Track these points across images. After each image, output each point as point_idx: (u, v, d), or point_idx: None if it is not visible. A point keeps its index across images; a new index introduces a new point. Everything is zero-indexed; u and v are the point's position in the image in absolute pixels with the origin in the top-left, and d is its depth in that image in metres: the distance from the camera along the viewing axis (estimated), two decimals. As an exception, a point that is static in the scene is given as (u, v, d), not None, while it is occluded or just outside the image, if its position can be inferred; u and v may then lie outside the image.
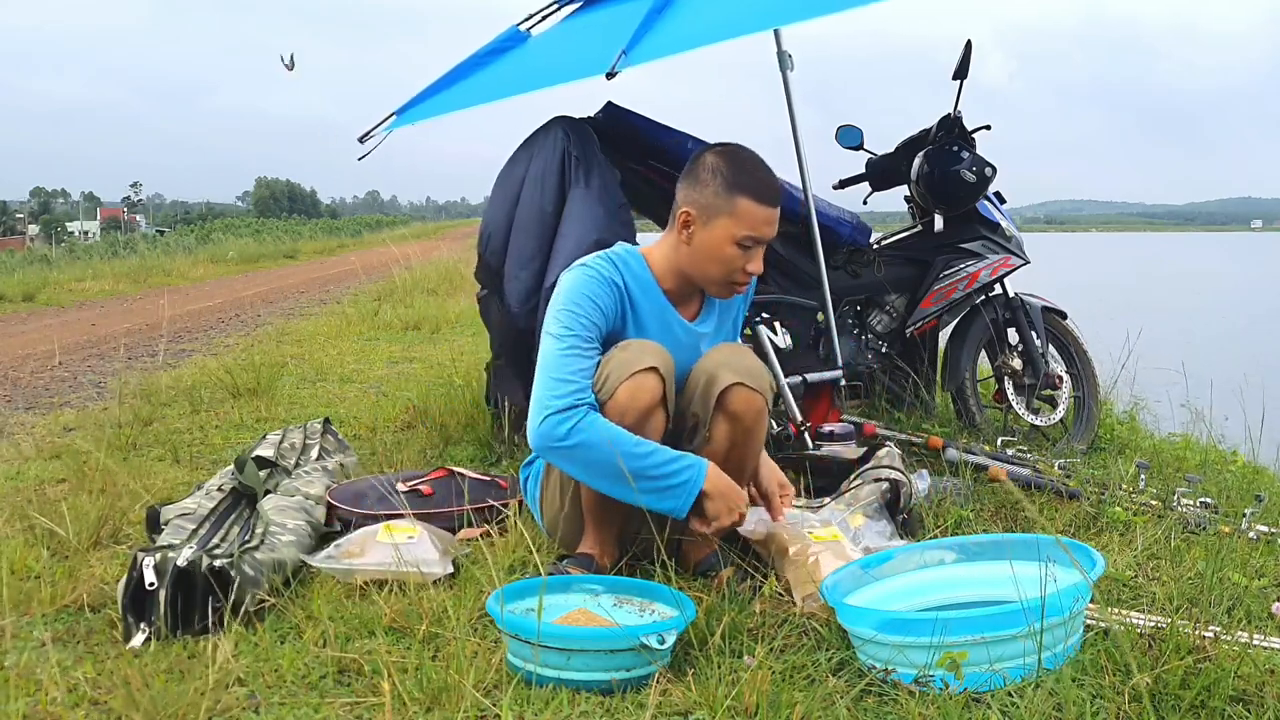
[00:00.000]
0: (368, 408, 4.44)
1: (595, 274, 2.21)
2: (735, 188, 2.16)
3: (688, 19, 2.93)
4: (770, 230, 2.19)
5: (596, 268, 2.23)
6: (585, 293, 2.18)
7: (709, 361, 2.23)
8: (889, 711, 1.68)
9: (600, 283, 2.20)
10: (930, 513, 2.67)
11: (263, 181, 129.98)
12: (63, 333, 7.82)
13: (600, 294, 2.19)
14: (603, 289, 2.20)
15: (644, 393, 2.09)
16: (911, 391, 3.77)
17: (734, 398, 2.16)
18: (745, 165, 2.19)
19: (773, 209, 2.18)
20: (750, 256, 2.20)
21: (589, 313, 2.17)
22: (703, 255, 2.21)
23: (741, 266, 2.20)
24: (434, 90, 3.45)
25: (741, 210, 2.15)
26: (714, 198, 2.17)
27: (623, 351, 2.14)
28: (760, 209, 2.16)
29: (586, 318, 2.16)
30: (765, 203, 2.17)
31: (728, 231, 2.17)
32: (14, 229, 73.59)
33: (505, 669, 1.80)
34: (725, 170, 2.17)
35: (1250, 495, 2.90)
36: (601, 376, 2.12)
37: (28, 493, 3.01)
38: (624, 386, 2.08)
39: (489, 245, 3.33)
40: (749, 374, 2.18)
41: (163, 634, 1.94)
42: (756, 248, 2.20)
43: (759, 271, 2.23)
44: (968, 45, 3.60)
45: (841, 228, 3.76)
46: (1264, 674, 1.70)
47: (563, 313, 2.17)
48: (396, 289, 10.36)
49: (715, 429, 2.19)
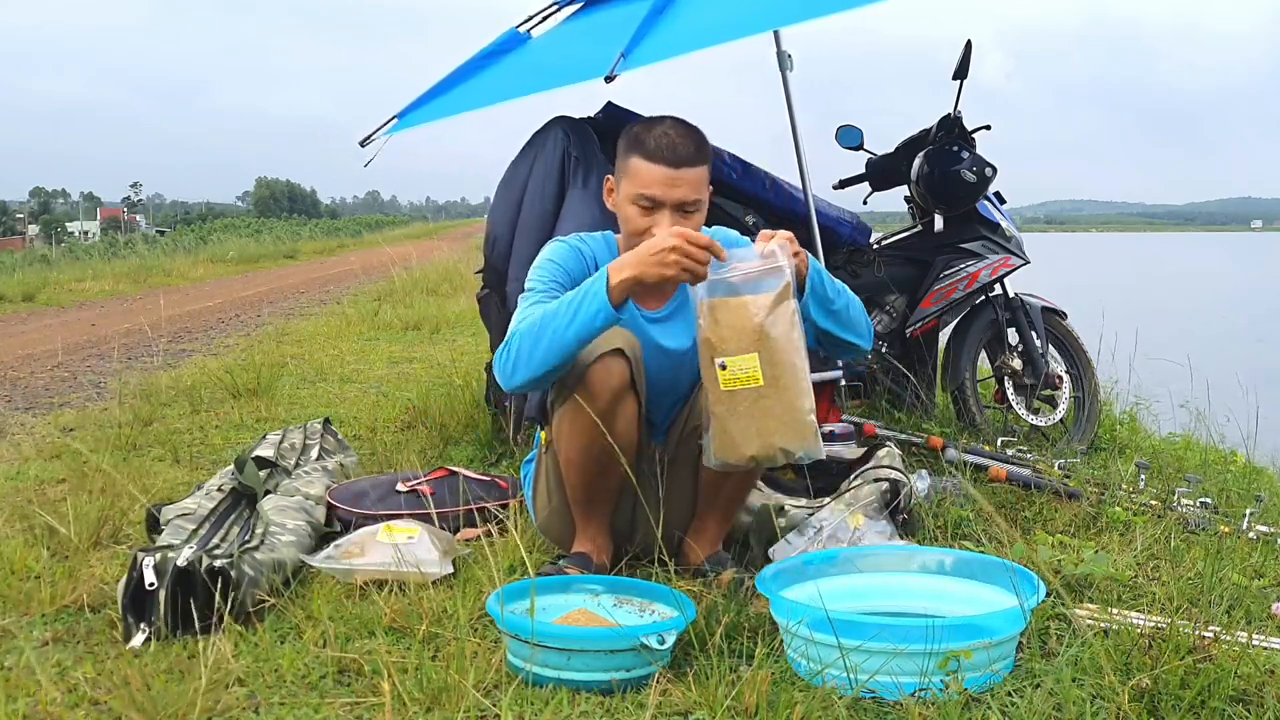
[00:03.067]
0: (368, 408, 4.44)
1: (565, 243, 2.30)
2: (631, 147, 2.18)
3: (687, 21, 2.92)
4: (667, 191, 2.13)
5: (566, 240, 2.32)
6: (551, 257, 2.27)
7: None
8: (888, 712, 1.68)
9: (569, 250, 2.28)
10: (930, 513, 2.67)
11: (263, 181, 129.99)
12: (63, 333, 7.81)
13: (566, 257, 2.26)
14: (570, 255, 2.27)
15: (612, 376, 2.11)
16: (911, 391, 3.77)
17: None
18: (652, 127, 2.18)
19: (667, 168, 2.12)
20: (654, 219, 2.14)
21: (553, 273, 2.23)
22: (620, 221, 2.25)
23: (646, 229, 2.14)
24: (435, 93, 3.45)
25: (633, 169, 2.16)
26: (620, 160, 2.23)
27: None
28: (649, 166, 2.13)
29: (550, 277, 2.22)
30: (658, 161, 2.13)
31: (627, 192, 2.19)
32: (14, 229, 73.60)
33: (505, 669, 1.80)
34: (632, 133, 2.20)
35: (1250, 495, 2.90)
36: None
37: (28, 493, 3.01)
38: (592, 370, 2.09)
39: (494, 249, 3.34)
40: None
41: (163, 634, 1.94)
42: (659, 210, 2.14)
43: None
44: (968, 45, 3.60)
45: (841, 228, 3.76)
46: (1264, 674, 1.70)
47: (533, 275, 2.25)
48: (396, 289, 10.35)
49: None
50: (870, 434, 3.20)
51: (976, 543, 2.47)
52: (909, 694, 1.67)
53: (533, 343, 2.05)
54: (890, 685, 1.68)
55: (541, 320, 2.05)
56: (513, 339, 2.09)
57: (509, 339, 2.10)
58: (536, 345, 2.05)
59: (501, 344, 2.12)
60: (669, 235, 1.98)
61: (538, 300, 2.16)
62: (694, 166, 2.15)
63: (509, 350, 2.08)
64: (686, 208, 2.16)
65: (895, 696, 1.68)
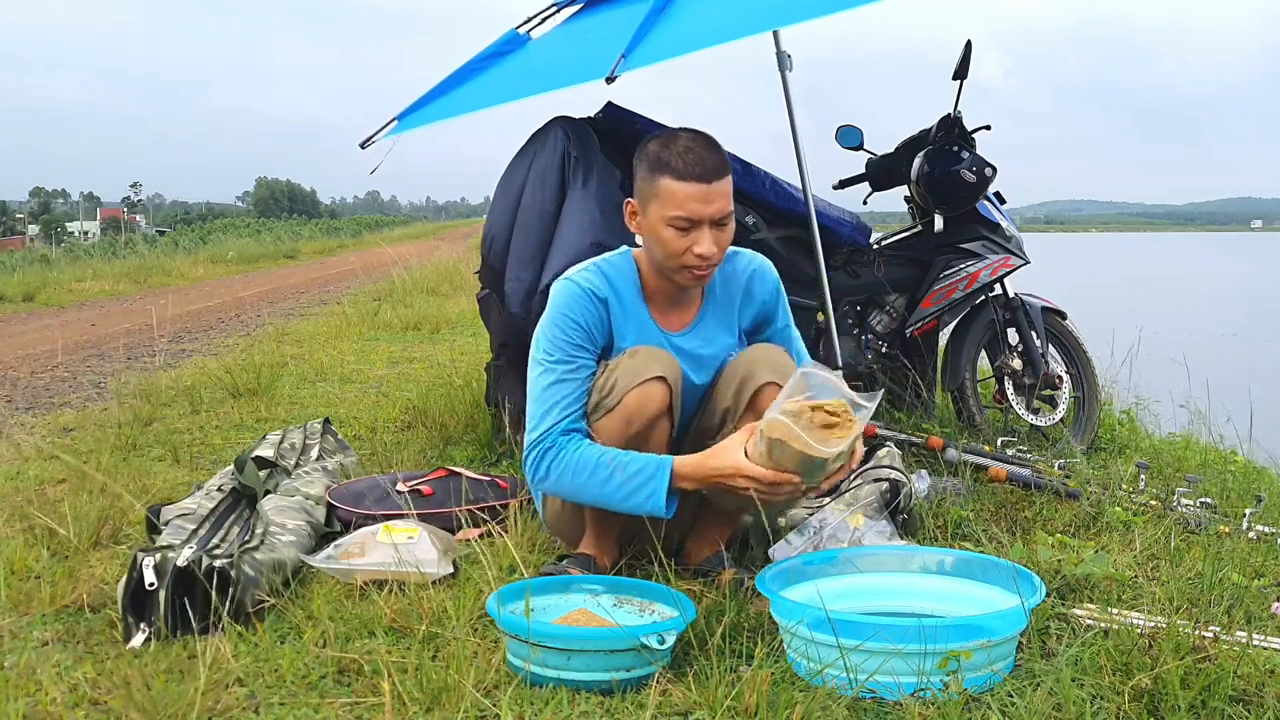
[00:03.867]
0: (368, 408, 4.44)
1: (578, 288, 2.20)
2: (657, 168, 2.12)
3: (687, 21, 2.92)
4: (702, 208, 2.09)
5: (580, 281, 2.22)
6: (565, 312, 2.19)
7: (747, 358, 2.24)
8: (888, 712, 1.68)
9: (582, 298, 2.19)
10: (930, 513, 2.67)
11: (263, 182, 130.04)
12: (63, 333, 7.81)
13: (581, 310, 2.18)
14: (584, 303, 2.19)
15: (651, 401, 2.11)
16: (911, 391, 3.77)
17: (767, 397, 2.17)
18: (671, 144, 2.13)
19: (699, 184, 2.08)
20: (693, 238, 2.11)
21: (569, 333, 2.17)
22: (650, 244, 2.20)
23: (685, 249, 2.11)
24: (435, 95, 3.45)
25: (664, 191, 2.10)
26: (643, 183, 2.16)
27: (631, 359, 2.14)
28: (682, 186, 2.08)
29: (566, 339, 2.17)
30: (688, 179, 2.08)
31: (659, 214, 2.12)
32: (14, 229, 73.57)
33: (505, 669, 1.80)
34: (651, 153, 2.15)
35: (1250, 495, 2.90)
36: (608, 383, 2.13)
37: (28, 493, 3.01)
38: (632, 394, 2.09)
39: (492, 248, 3.34)
40: (785, 374, 2.18)
41: (163, 634, 1.94)
42: (695, 229, 2.10)
43: (708, 252, 2.11)
44: (967, 45, 3.60)
45: (841, 228, 3.76)
46: (1264, 674, 1.70)
47: (544, 336, 2.20)
48: (396, 289, 10.36)
49: (742, 425, 2.19)
50: (870, 434, 3.19)
51: (976, 543, 2.47)
52: (909, 694, 1.67)
53: (574, 491, 2.12)
54: (890, 685, 1.68)
55: (589, 478, 2.07)
56: (550, 471, 2.11)
57: (547, 474, 2.11)
58: (577, 494, 2.12)
59: (538, 455, 2.12)
60: (742, 479, 1.97)
61: (558, 377, 2.14)
62: (723, 177, 2.12)
63: (545, 474, 2.12)
64: (722, 221, 2.13)
65: (895, 696, 1.68)
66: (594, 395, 2.16)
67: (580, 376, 2.17)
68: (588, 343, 2.19)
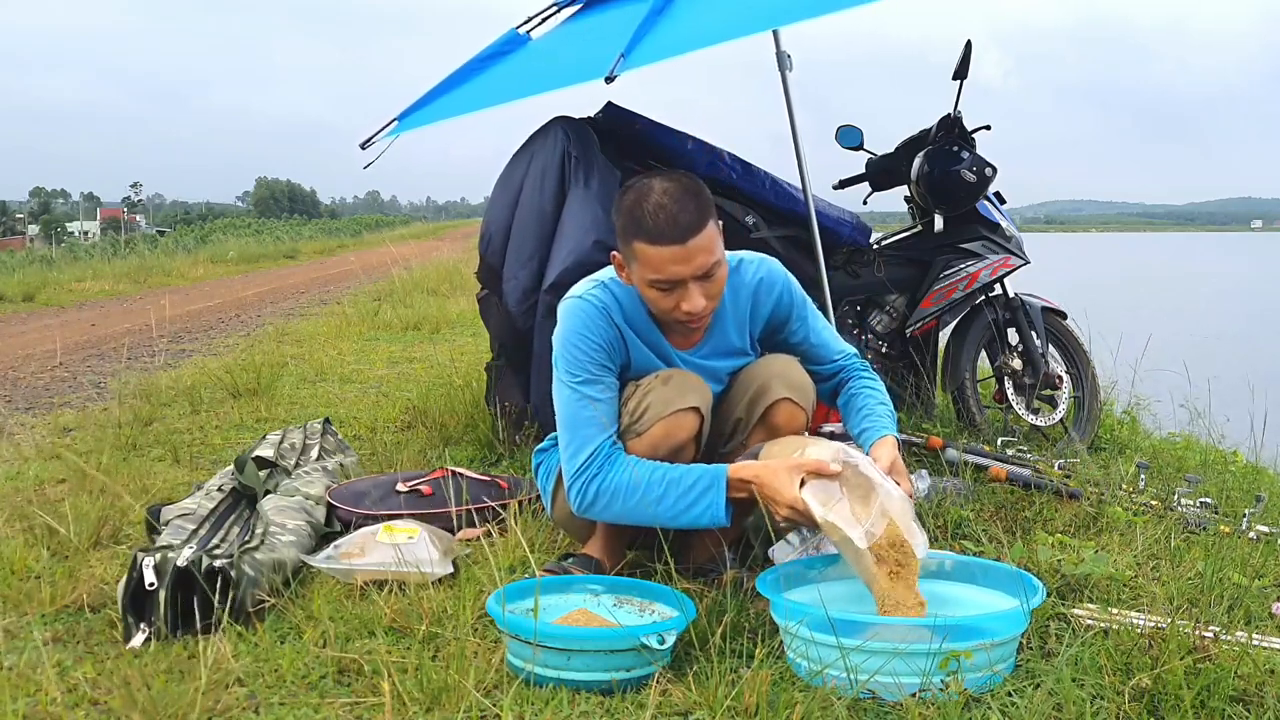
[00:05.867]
0: (368, 408, 4.44)
1: (589, 306, 2.15)
2: (630, 233, 2.03)
3: (687, 21, 2.92)
4: (681, 269, 2.00)
5: (590, 299, 2.16)
6: (583, 332, 2.13)
7: (763, 370, 2.22)
8: (888, 712, 1.68)
9: (595, 315, 2.14)
10: (930, 513, 2.67)
11: (263, 182, 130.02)
12: (63, 333, 7.81)
13: (596, 328, 2.13)
14: (599, 321, 2.14)
15: (681, 431, 2.10)
16: (911, 391, 3.77)
17: (780, 412, 2.17)
18: (644, 202, 2.01)
19: (674, 246, 1.98)
20: (677, 296, 2.04)
21: (591, 353, 2.12)
22: (641, 296, 2.14)
23: (673, 306, 2.05)
24: (435, 95, 3.45)
25: (640, 255, 2.02)
26: (621, 241, 2.08)
27: (664, 386, 2.11)
28: (657, 250, 1.99)
29: (590, 359, 2.12)
30: (662, 242, 1.98)
31: (641, 276, 2.06)
32: (14, 229, 73.56)
33: (505, 669, 1.80)
34: (625, 209, 2.05)
35: (1250, 495, 2.90)
36: (640, 407, 2.11)
37: (28, 493, 3.01)
38: (662, 424, 2.08)
39: (490, 246, 3.33)
40: (799, 390, 2.18)
41: (163, 634, 1.94)
42: (679, 287, 2.03)
43: (696, 308, 2.04)
44: (967, 45, 3.60)
45: (841, 228, 3.76)
46: (1264, 674, 1.70)
47: (564, 356, 2.14)
48: (396, 289, 10.36)
49: (753, 438, 2.21)
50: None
51: (976, 543, 2.47)
52: (909, 695, 1.67)
53: (625, 514, 2.05)
54: (890, 685, 1.68)
55: (641, 499, 2.01)
56: (598, 498, 2.04)
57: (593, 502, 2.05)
58: (629, 516, 2.05)
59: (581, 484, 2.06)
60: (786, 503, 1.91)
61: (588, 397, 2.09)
62: (701, 231, 2.00)
63: (592, 502, 2.05)
64: (708, 273, 2.04)
65: (895, 697, 1.67)
66: (625, 417, 2.13)
67: (609, 396, 2.12)
68: (609, 361, 2.15)
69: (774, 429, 2.17)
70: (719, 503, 1.98)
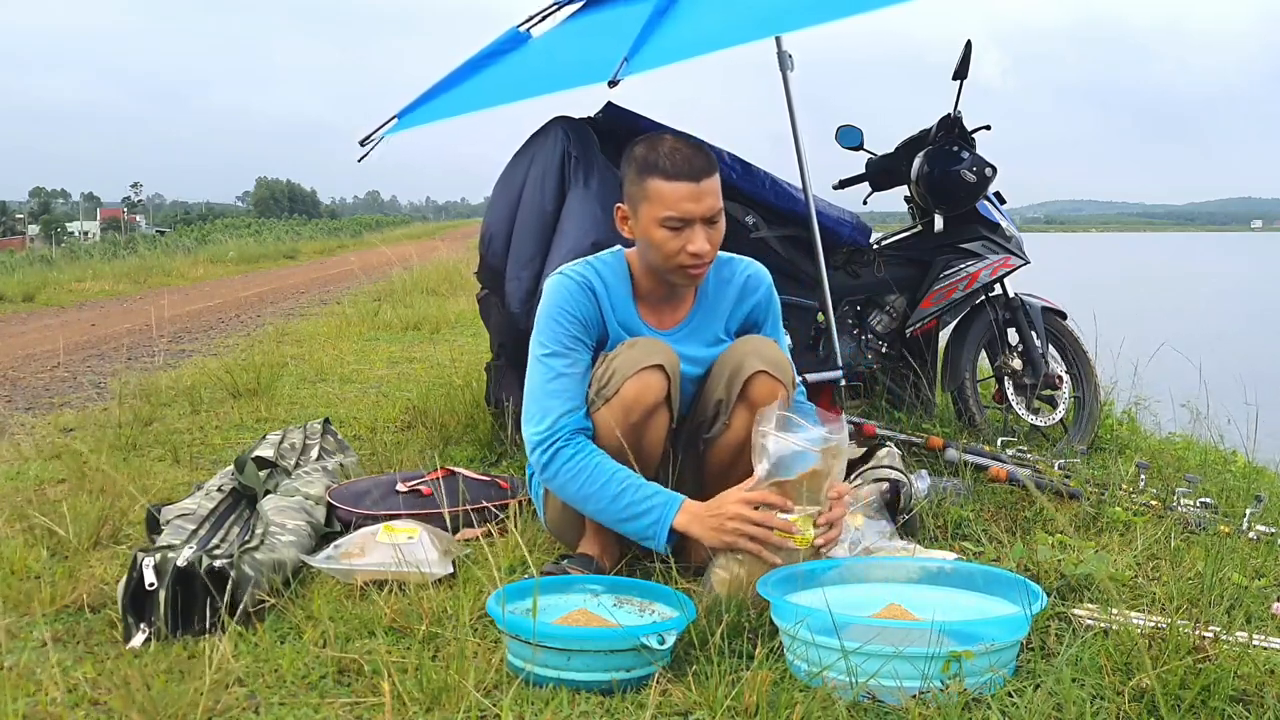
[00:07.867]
0: (368, 408, 4.44)
1: (571, 280, 2.24)
2: (645, 170, 2.14)
3: (690, 25, 2.91)
4: (693, 206, 2.12)
5: (572, 275, 2.25)
6: (560, 304, 2.22)
7: (737, 350, 2.26)
8: (888, 713, 1.68)
9: (576, 289, 2.23)
10: (930, 513, 2.67)
11: (263, 182, 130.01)
12: (63, 333, 7.81)
13: (576, 302, 2.22)
14: (578, 296, 2.22)
15: (649, 391, 2.12)
16: (911, 391, 3.77)
17: (757, 386, 2.18)
18: (658, 146, 2.15)
19: (689, 183, 2.11)
20: (686, 236, 2.13)
21: (567, 325, 2.20)
22: (644, 246, 2.22)
23: (679, 248, 2.14)
24: (435, 93, 3.45)
25: (654, 191, 2.13)
26: (632, 186, 2.19)
27: (630, 349, 2.16)
28: (671, 185, 2.11)
29: (564, 331, 2.20)
30: (677, 178, 2.11)
31: (650, 216, 2.14)
32: (14, 229, 73.53)
33: (505, 669, 1.80)
34: (638, 156, 2.17)
35: (1250, 495, 2.90)
36: (607, 373, 2.15)
37: (28, 493, 3.01)
38: (630, 383, 2.11)
39: (490, 247, 3.33)
40: (775, 364, 2.20)
41: (163, 634, 1.94)
42: (687, 228, 2.13)
43: (702, 250, 2.14)
44: (968, 45, 3.60)
45: (841, 228, 3.76)
46: (1264, 674, 1.70)
47: (541, 329, 2.22)
48: (396, 289, 10.36)
49: (735, 417, 2.22)
50: (870, 434, 3.20)
51: (976, 543, 2.47)
52: (910, 697, 1.66)
53: (577, 496, 2.14)
54: (891, 687, 1.67)
55: (600, 489, 2.11)
56: (560, 470, 2.13)
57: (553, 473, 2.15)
58: (580, 500, 2.15)
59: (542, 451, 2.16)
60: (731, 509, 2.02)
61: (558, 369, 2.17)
62: (711, 176, 2.15)
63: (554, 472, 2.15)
64: (713, 218, 2.15)
65: (896, 700, 1.67)
66: (593, 385, 2.18)
67: (579, 370, 2.20)
68: (584, 335, 2.22)
69: (753, 403, 2.18)
70: (666, 520, 2.07)
